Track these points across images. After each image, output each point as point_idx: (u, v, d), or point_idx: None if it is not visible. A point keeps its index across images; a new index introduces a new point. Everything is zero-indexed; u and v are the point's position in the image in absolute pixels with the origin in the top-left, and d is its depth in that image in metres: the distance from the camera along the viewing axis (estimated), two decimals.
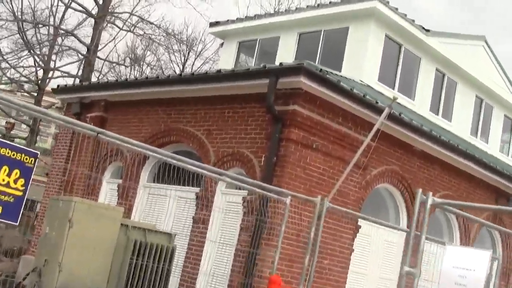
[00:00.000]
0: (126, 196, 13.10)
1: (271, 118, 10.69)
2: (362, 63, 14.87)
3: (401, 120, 11.94)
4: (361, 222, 11.93)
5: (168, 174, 10.04)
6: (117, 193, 13.42)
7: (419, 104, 16.65)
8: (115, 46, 32.33)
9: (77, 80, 28.38)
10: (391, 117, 11.29)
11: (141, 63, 34.00)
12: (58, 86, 16.50)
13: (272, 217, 10.29)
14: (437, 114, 17.50)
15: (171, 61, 36.73)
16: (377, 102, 11.42)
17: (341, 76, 12.71)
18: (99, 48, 29.38)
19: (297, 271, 10.50)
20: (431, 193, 5.08)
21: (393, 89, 15.65)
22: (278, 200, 8.73)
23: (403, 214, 13.26)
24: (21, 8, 28.59)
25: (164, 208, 12.28)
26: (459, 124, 18.25)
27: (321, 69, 10.43)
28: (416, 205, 5.05)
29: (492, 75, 19.87)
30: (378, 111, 11.27)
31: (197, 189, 11.74)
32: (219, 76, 11.61)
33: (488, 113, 20.26)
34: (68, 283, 8.24)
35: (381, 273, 12.61)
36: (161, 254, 8.73)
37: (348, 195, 11.53)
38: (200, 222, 11.49)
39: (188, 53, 35.72)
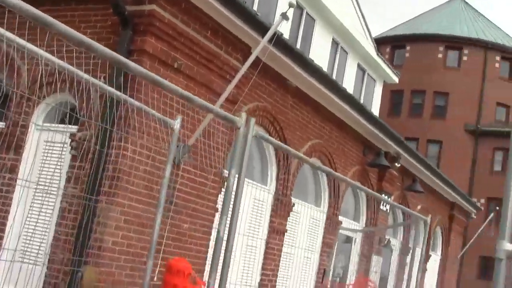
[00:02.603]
0: None
1: (118, 22, 7.80)
2: None
3: (284, 43, 9.72)
4: (227, 173, 9.57)
5: None
6: None
7: (276, 41, 14.59)
8: None
9: None
10: (270, 39, 8.98)
11: None
12: None
13: (119, 162, 7.51)
14: None
15: None
16: (257, 15, 9.05)
17: None
18: None
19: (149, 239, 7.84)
20: None
21: None
22: (162, 122, 5.93)
23: (273, 168, 11.16)
24: None
25: None
26: None
27: None
28: None
29: (350, 17, 18.51)
30: (259, 28, 8.94)
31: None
32: None
33: (343, 60, 18.95)
34: None
35: (247, 238, 10.39)
36: None
37: (214, 136, 9.06)
38: (4, 171, 8.30)
39: None
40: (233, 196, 4.54)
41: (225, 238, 4.56)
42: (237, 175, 4.55)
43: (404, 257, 17.88)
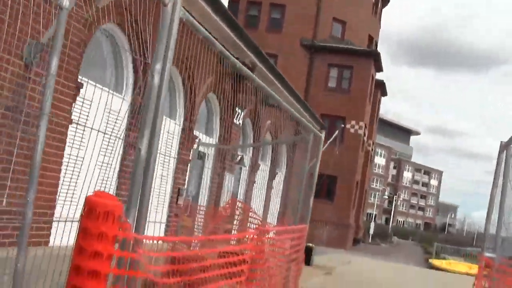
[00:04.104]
0: None
1: None
2: None
3: None
4: (82, 79, 8.60)
5: None
6: None
7: None
8: None
9: None
10: None
11: None
12: None
13: None
14: None
15: None
16: None
17: None
18: None
19: None
20: None
21: None
22: None
23: (129, 74, 10.26)
24: None
25: None
26: None
27: None
28: None
29: None
30: None
31: None
32: None
33: None
34: None
35: (104, 155, 9.50)
36: None
37: (70, 34, 7.99)
38: None
39: None
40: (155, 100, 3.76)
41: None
42: (161, 69, 3.75)
43: (253, 175, 17.93)
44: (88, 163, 6.97)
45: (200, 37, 4.49)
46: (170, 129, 12.11)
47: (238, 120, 15.24)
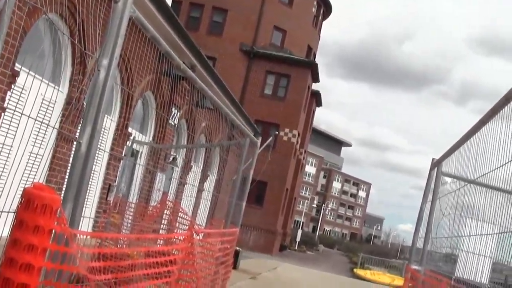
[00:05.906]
0: None
1: None
2: None
3: None
4: (19, 67, 8.41)
5: None
6: None
7: None
8: None
9: None
10: None
11: None
12: None
13: None
14: None
15: None
16: None
17: None
18: None
19: None
20: None
21: None
22: None
23: (67, 68, 10.08)
24: None
25: None
26: None
27: None
28: None
29: None
30: None
31: None
32: None
33: None
34: None
35: (33, 146, 9.30)
36: None
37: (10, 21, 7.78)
38: None
39: None
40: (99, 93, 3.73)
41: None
42: (107, 65, 3.73)
43: (185, 176, 17.85)
44: (16, 152, 6.81)
45: (148, 35, 4.45)
46: (105, 125, 11.96)
47: (174, 121, 15.17)
